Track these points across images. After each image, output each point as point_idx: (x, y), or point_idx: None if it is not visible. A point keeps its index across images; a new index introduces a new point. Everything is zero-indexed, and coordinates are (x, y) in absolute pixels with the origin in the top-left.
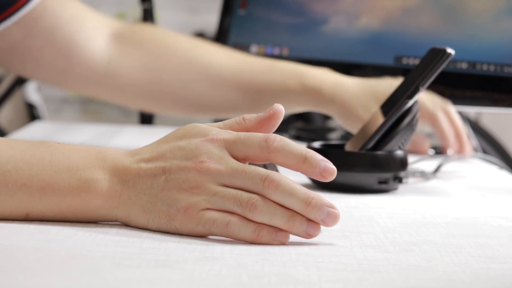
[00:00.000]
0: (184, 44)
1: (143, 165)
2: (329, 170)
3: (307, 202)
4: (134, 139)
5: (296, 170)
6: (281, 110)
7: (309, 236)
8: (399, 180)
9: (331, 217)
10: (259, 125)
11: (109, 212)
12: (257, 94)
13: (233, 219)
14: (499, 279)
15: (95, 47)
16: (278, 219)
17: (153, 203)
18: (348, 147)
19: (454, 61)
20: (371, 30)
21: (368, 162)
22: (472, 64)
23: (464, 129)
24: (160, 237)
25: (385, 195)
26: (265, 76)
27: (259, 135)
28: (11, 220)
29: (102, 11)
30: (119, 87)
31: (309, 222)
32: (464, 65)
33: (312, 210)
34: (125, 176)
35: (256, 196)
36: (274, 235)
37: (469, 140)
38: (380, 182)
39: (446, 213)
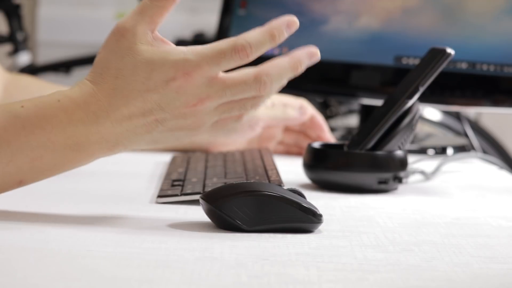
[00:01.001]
0: (63, 86)
1: (130, 126)
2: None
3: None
4: None
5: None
6: None
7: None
8: (399, 180)
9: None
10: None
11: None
12: None
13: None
14: (499, 279)
15: None
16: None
17: (159, 139)
18: (348, 147)
19: (454, 61)
20: (371, 30)
21: (368, 162)
22: (472, 64)
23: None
24: (160, 237)
25: (385, 195)
26: None
27: (224, 47)
28: (6, 189)
29: (102, 11)
30: None
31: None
32: (464, 65)
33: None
34: (116, 140)
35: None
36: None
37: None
38: (380, 182)
39: (446, 213)
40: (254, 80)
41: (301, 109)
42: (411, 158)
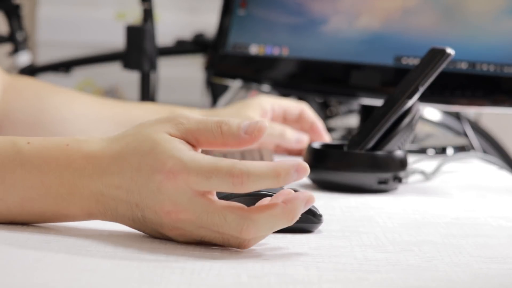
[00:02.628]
0: (62, 89)
1: (116, 197)
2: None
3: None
4: None
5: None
6: (265, 128)
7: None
8: (399, 180)
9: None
10: (237, 143)
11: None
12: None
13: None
14: (499, 279)
15: None
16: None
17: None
18: (348, 147)
19: (454, 61)
20: (371, 30)
21: (368, 162)
22: (472, 64)
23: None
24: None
25: (385, 195)
26: (138, 111)
27: (226, 167)
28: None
29: (102, 11)
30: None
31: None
32: (464, 65)
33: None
34: (103, 207)
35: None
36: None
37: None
38: (380, 182)
39: (446, 213)
40: (234, 223)
41: (299, 139)
42: (411, 158)
